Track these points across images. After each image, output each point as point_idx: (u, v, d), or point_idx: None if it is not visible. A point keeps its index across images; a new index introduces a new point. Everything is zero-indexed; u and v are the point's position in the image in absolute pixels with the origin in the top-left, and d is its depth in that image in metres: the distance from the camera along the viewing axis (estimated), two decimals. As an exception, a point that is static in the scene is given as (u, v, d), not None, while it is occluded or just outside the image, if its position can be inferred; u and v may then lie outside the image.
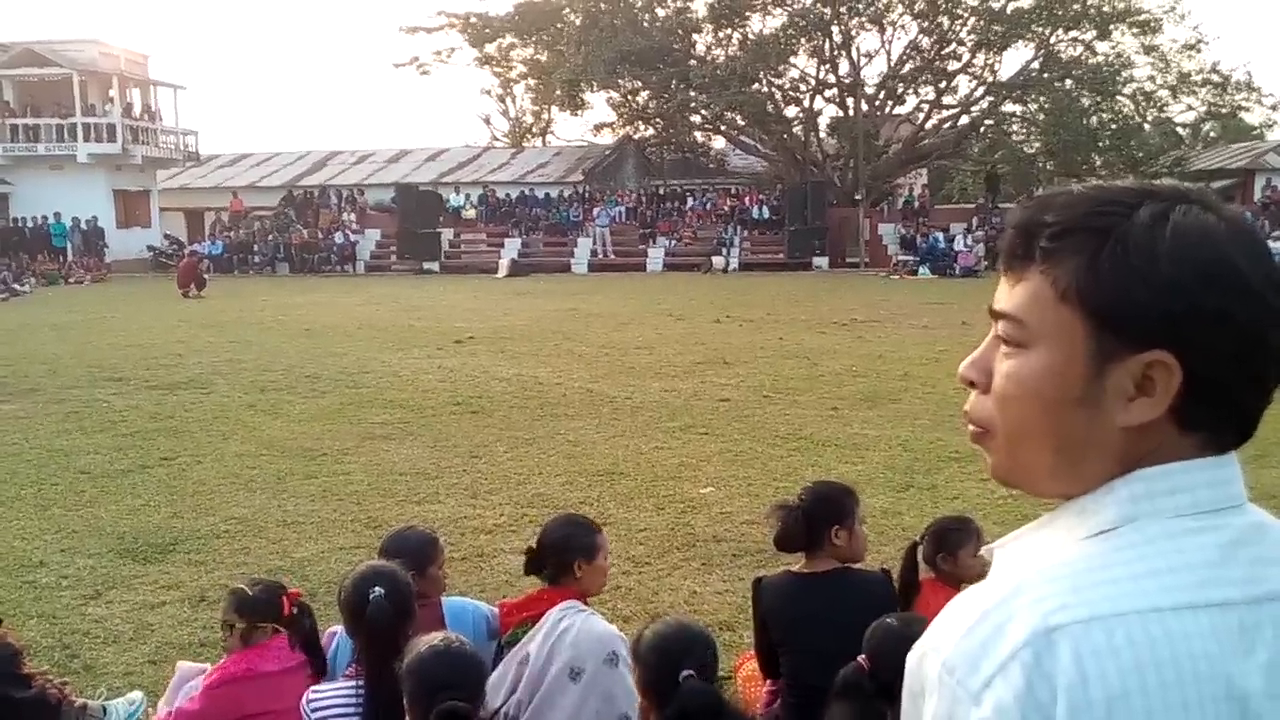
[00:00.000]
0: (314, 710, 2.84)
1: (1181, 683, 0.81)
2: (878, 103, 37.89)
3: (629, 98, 39.40)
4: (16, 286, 27.71)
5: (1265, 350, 0.88)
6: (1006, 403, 0.94)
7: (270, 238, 36.07)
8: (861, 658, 2.71)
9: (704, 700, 2.36)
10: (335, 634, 3.29)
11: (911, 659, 0.92)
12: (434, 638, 2.58)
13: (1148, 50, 34.58)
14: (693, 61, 37.10)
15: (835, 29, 36.20)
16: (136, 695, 4.11)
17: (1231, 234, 0.88)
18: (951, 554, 3.74)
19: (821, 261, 32.19)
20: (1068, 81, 35.23)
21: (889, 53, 37.28)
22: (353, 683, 2.83)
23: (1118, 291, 0.87)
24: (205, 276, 26.44)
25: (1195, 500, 0.88)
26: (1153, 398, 0.88)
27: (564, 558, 3.30)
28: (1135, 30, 34.34)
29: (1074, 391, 0.90)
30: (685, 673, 2.39)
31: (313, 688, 3.01)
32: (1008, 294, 0.94)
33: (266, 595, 3.26)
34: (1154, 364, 0.87)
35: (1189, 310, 0.86)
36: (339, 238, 35.94)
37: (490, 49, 44.68)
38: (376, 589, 2.76)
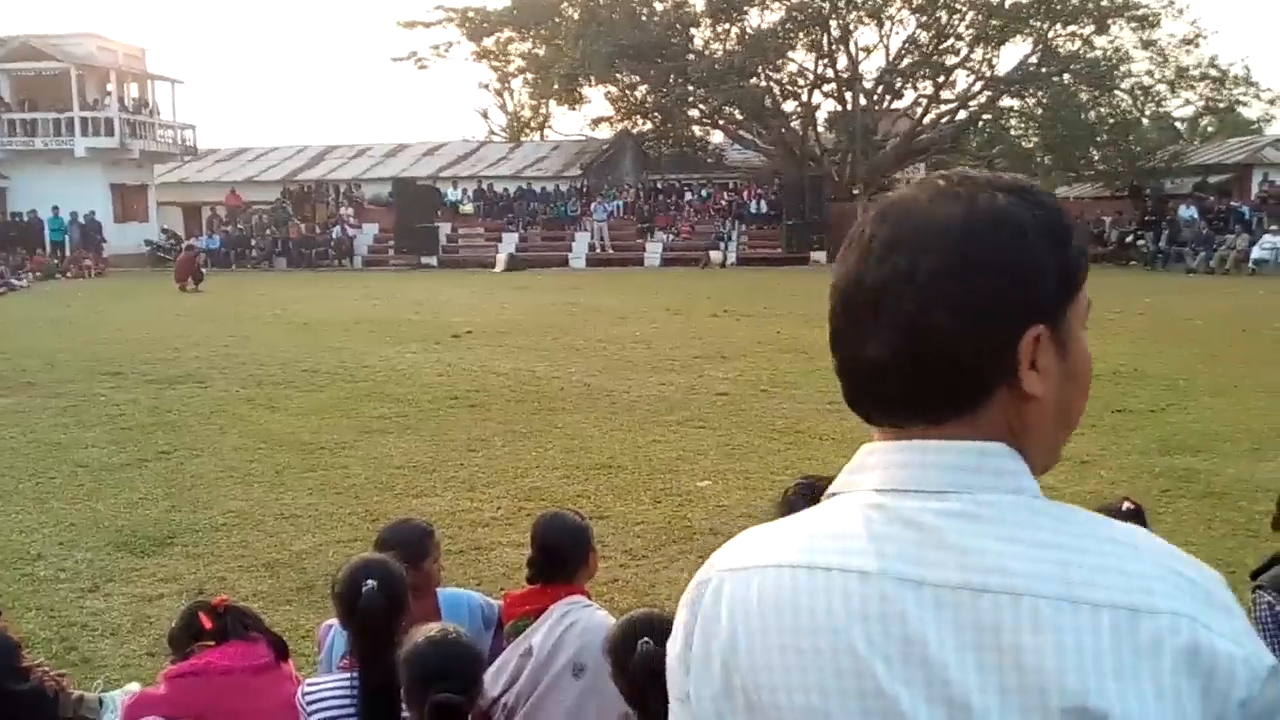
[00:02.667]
0: (309, 702, 2.85)
1: (797, 628, 0.90)
2: (876, 97, 37.83)
3: (627, 92, 39.32)
4: (14, 281, 27.69)
5: (829, 316, 0.96)
6: None
7: (268, 232, 36.04)
8: None
9: (660, 666, 2.32)
10: (331, 626, 3.29)
11: None
12: (431, 628, 2.58)
13: (1146, 45, 34.52)
14: (691, 56, 37.04)
15: (833, 23, 36.13)
16: (134, 687, 4.11)
17: None
18: None
19: (819, 256, 32.17)
20: (1066, 76, 35.19)
21: (887, 47, 37.25)
22: (347, 675, 2.83)
23: None
24: (203, 271, 26.45)
25: (887, 478, 0.92)
26: None
27: (574, 556, 3.29)
28: (1133, 25, 34.28)
29: None
30: (643, 640, 2.38)
31: (308, 680, 3.02)
32: None
33: (183, 621, 3.28)
34: None
35: None
36: (336, 232, 35.91)
37: (488, 43, 44.53)
38: (369, 581, 2.76)
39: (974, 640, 0.84)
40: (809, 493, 3.49)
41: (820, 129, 39.35)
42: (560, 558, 3.26)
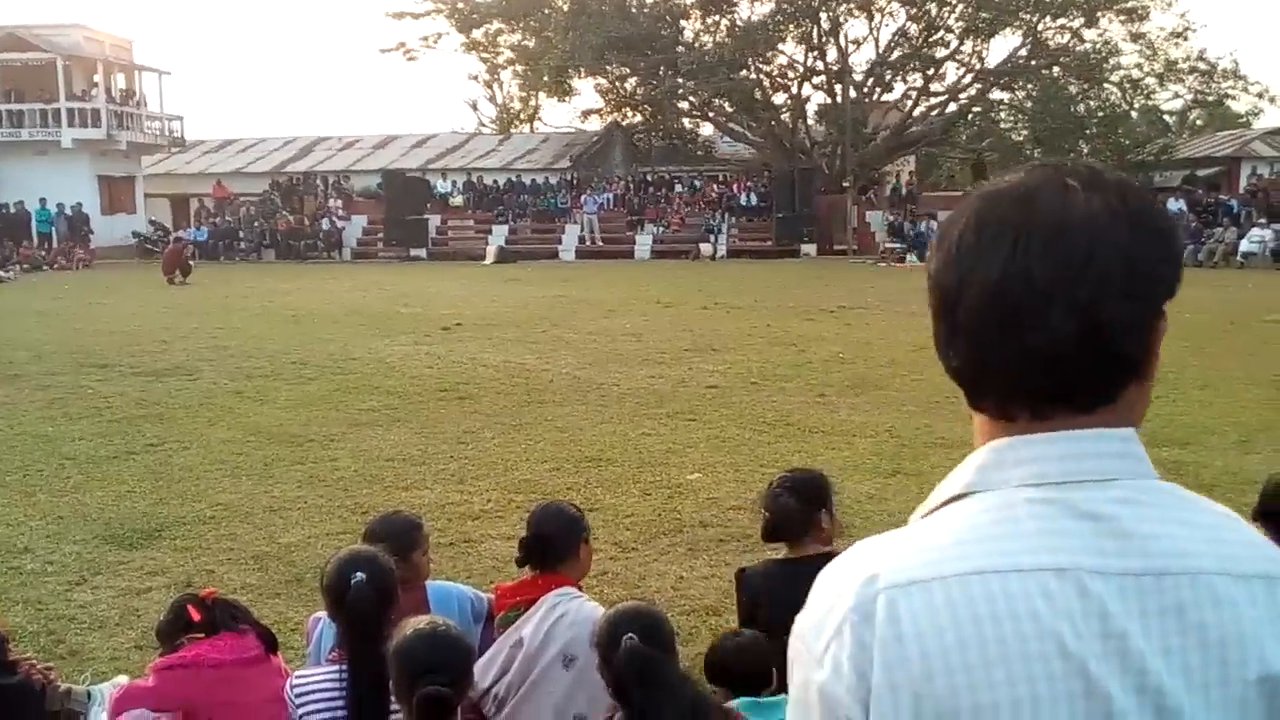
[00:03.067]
0: (298, 695, 2.85)
1: (1001, 638, 0.85)
2: (866, 89, 37.85)
3: (617, 84, 39.28)
4: (1, 273, 27.55)
5: (965, 312, 0.93)
6: None
7: (256, 224, 35.91)
8: None
9: (642, 662, 2.33)
10: (320, 619, 3.29)
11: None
12: (419, 621, 2.58)
13: (1135, 38, 34.63)
14: (680, 48, 37.01)
15: (823, 16, 36.14)
16: (122, 679, 4.09)
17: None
18: None
19: (809, 249, 32.21)
20: (1055, 69, 35.29)
21: (877, 39, 37.27)
22: (336, 667, 2.83)
23: None
24: (191, 263, 26.32)
25: (1042, 472, 0.91)
26: None
27: (565, 544, 3.30)
28: (1123, 18, 34.37)
29: None
30: (627, 636, 2.38)
31: (297, 672, 3.01)
32: None
33: (171, 614, 3.26)
34: None
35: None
36: (325, 224, 35.81)
37: (477, 35, 44.44)
38: (358, 573, 2.75)
39: (1161, 626, 0.87)
40: (793, 485, 3.50)
41: (810, 121, 39.37)
42: (549, 544, 3.27)
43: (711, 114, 39.13)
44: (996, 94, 37.29)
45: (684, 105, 38.93)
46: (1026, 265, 0.90)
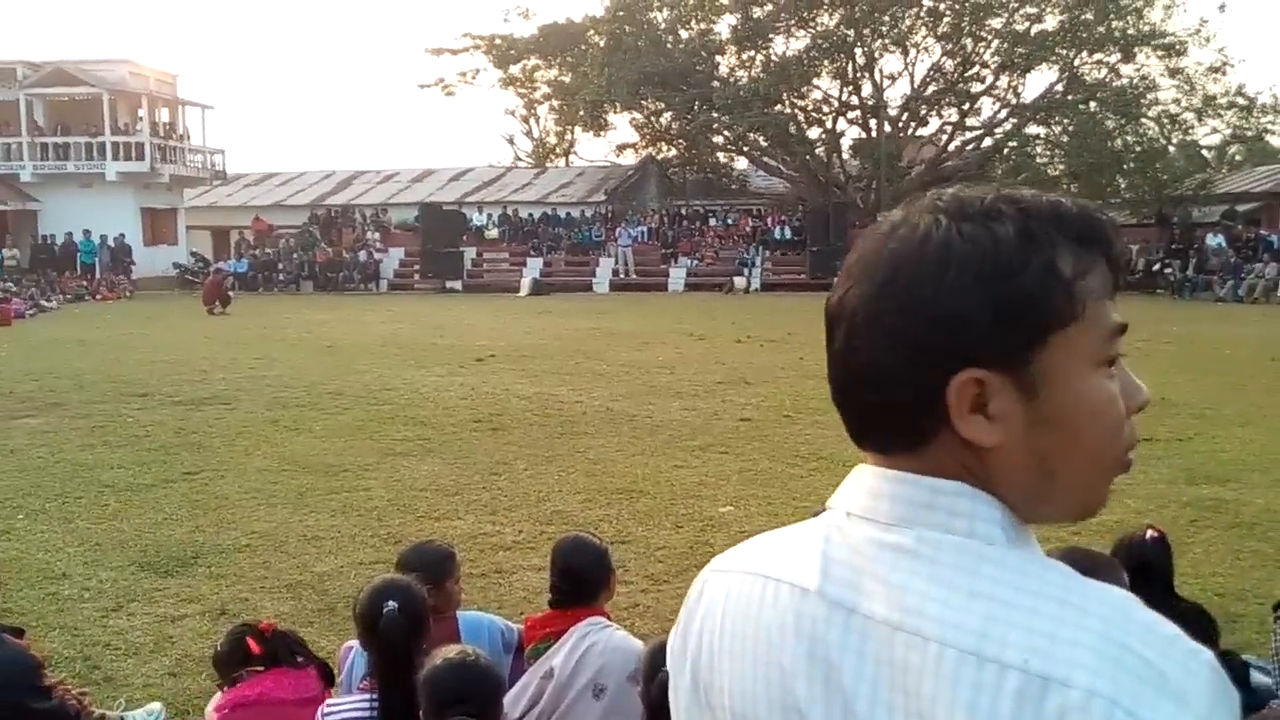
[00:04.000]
0: (330, 723, 2.85)
1: (743, 635, 0.92)
2: (900, 124, 37.86)
3: (652, 119, 39.54)
4: (44, 302, 28.01)
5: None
6: None
7: (295, 256, 36.32)
8: None
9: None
10: (352, 647, 3.30)
11: None
12: (449, 650, 2.58)
13: (1173, 73, 34.43)
14: (716, 83, 37.21)
15: (858, 51, 36.24)
16: (155, 706, 4.13)
17: None
18: None
19: (844, 283, 32.08)
20: (1092, 104, 35.11)
21: (912, 74, 37.29)
22: (367, 696, 2.83)
23: None
24: (230, 294, 26.66)
25: (852, 502, 0.91)
26: None
27: (597, 578, 3.29)
28: (1160, 53, 34.21)
29: None
30: (663, 669, 2.37)
31: (328, 701, 3.02)
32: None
33: (230, 645, 3.26)
34: None
35: None
36: (363, 256, 36.16)
37: (514, 70, 44.99)
38: (390, 602, 2.76)
39: (887, 677, 0.81)
40: None
41: (845, 156, 39.41)
42: (583, 581, 3.26)
43: (746, 148, 39.26)
44: (1032, 129, 37.14)
45: (718, 139, 39.09)
46: (829, 298, 0.93)
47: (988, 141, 37.83)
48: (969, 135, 38.21)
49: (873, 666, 0.82)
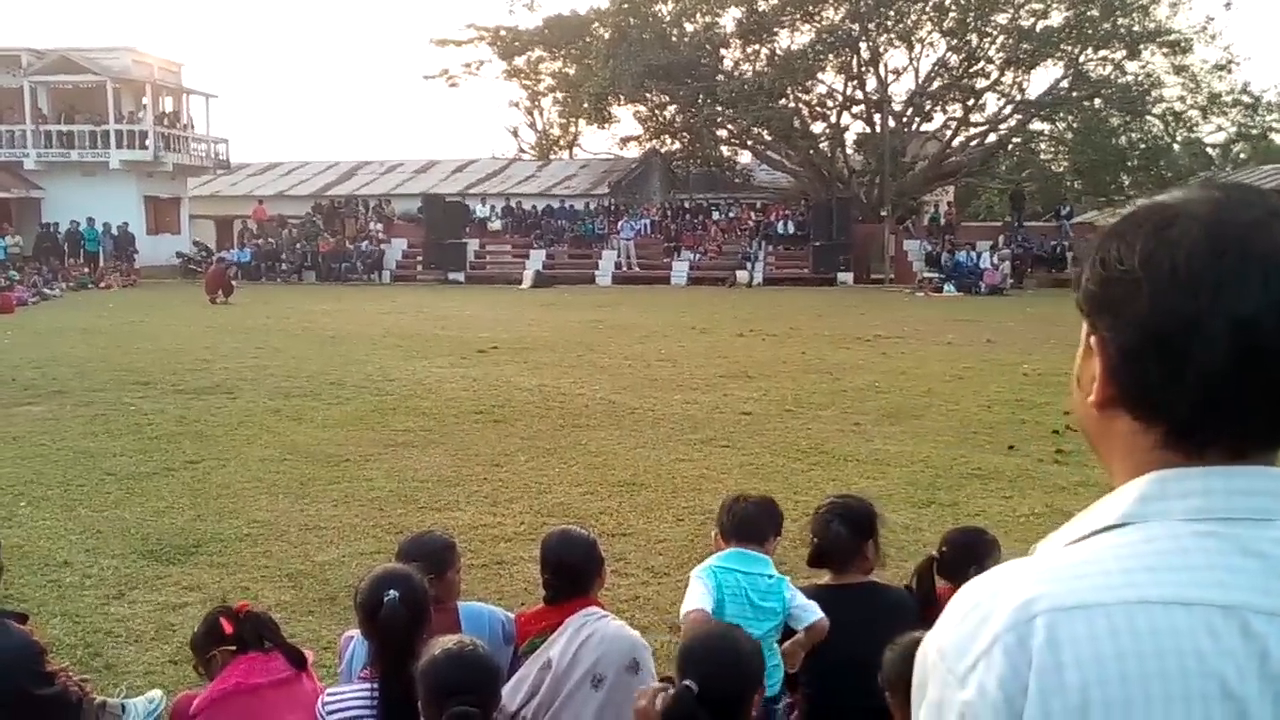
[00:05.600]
0: (329, 712, 2.86)
1: (1165, 674, 0.81)
2: (905, 119, 37.81)
3: (656, 112, 39.50)
4: (47, 290, 28.04)
5: (1198, 339, 0.85)
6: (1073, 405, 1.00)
7: (298, 246, 36.33)
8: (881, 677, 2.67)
9: (691, 708, 2.31)
10: (352, 637, 3.31)
11: (919, 651, 0.94)
12: (448, 640, 2.59)
13: (1178, 70, 34.39)
14: (720, 76, 37.18)
15: (863, 45, 36.19)
16: (156, 694, 4.14)
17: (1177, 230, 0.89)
18: (980, 565, 3.70)
19: (846, 277, 32.13)
20: (1097, 101, 35.08)
21: (917, 70, 37.27)
22: (368, 685, 2.84)
23: (1082, 279, 0.94)
24: (233, 283, 26.66)
25: (1207, 505, 0.86)
26: (1097, 369, 0.92)
27: (589, 570, 3.31)
28: (1165, 50, 34.17)
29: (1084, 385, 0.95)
30: (685, 683, 2.36)
31: (328, 689, 3.03)
32: None
33: (205, 626, 3.28)
34: (1090, 333, 0.93)
35: (1098, 282, 0.91)
36: (366, 246, 36.17)
37: (519, 62, 44.96)
38: (391, 591, 2.77)
39: None
40: (845, 515, 3.50)
41: (848, 150, 39.38)
42: (576, 574, 3.28)
43: (750, 142, 39.23)
44: (1037, 125, 37.13)
45: (722, 133, 39.05)
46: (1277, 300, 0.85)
47: (992, 137, 37.81)
48: (973, 131, 38.19)
49: None
